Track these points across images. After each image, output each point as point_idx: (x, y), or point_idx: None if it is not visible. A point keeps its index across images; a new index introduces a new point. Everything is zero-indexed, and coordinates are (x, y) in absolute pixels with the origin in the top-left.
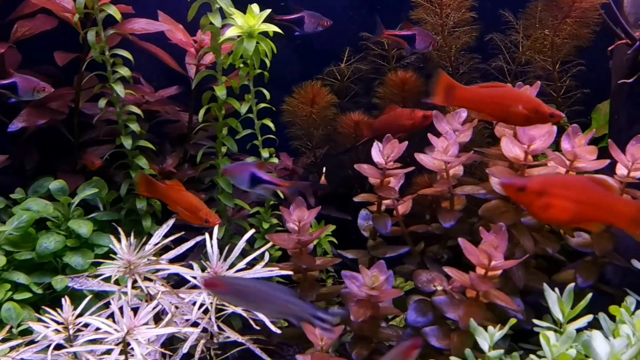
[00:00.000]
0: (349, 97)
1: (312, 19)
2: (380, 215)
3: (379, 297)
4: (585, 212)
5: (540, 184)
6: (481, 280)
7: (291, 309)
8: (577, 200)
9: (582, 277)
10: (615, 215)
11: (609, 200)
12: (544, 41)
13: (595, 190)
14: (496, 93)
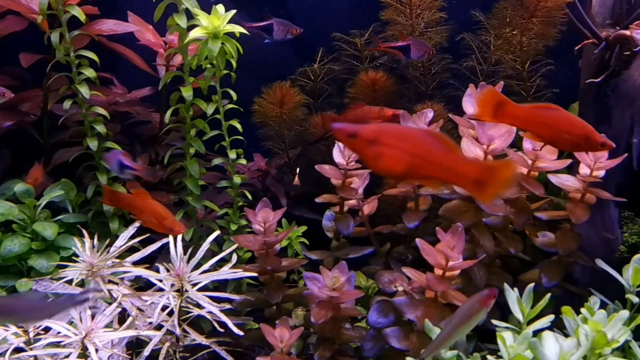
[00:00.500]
0: (322, 97)
1: (282, 27)
2: (343, 216)
3: (339, 298)
4: (422, 167)
5: (373, 132)
6: (438, 280)
7: (54, 307)
8: (412, 152)
9: (547, 276)
10: (455, 175)
11: (448, 158)
12: (512, 41)
13: (434, 145)
14: (548, 115)
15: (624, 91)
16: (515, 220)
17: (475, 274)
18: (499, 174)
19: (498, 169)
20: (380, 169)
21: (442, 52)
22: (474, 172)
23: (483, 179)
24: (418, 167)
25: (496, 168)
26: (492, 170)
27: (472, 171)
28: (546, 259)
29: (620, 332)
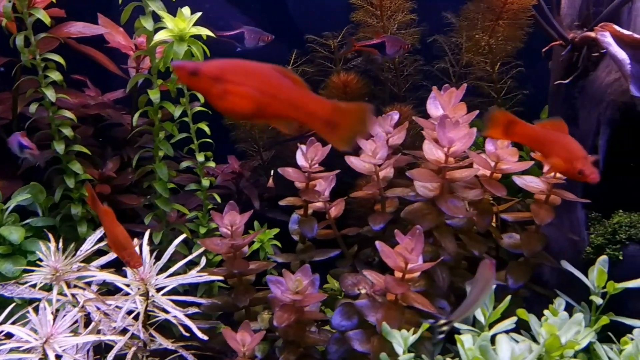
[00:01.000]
0: None
1: (253, 35)
2: (307, 219)
3: (303, 302)
4: (270, 106)
5: (216, 69)
6: (397, 283)
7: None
8: (259, 90)
9: (513, 278)
10: (305, 114)
11: (298, 96)
12: (481, 43)
13: (283, 82)
14: (550, 137)
15: (590, 92)
16: (477, 222)
17: (437, 276)
18: (351, 115)
19: (350, 111)
20: (226, 109)
21: (415, 54)
22: (325, 112)
23: (334, 120)
24: (266, 105)
25: (348, 109)
26: (344, 111)
27: (323, 111)
28: (512, 260)
29: (582, 334)
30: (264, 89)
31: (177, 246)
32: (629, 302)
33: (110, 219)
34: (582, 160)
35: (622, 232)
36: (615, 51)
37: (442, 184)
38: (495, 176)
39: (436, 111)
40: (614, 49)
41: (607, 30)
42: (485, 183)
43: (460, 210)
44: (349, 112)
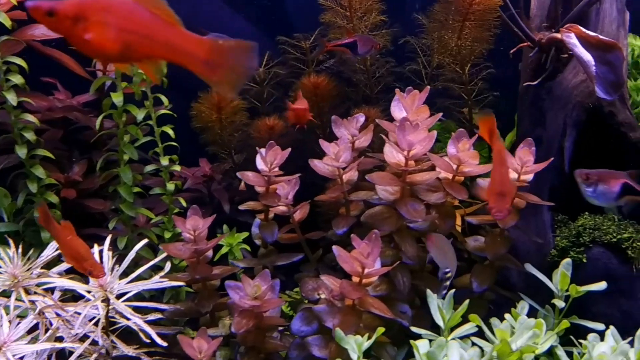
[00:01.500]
0: (269, 101)
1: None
2: (268, 223)
3: (261, 307)
4: (139, 45)
5: (74, 7)
6: (354, 288)
7: None
8: (125, 29)
9: (477, 281)
10: (181, 54)
11: (171, 34)
12: (450, 44)
13: (152, 19)
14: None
15: (557, 94)
16: (439, 225)
17: (398, 280)
18: (233, 53)
19: (231, 48)
20: (90, 51)
21: (387, 56)
22: (203, 51)
23: (214, 60)
24: (135, 44)
25: (229, 46)
26: (224, 49)
27: (200, 50)
28: (478, 263)
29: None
30: (131, 28)
31: (142, 251)
32: (592, 305)
33: (68, 232)
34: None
35: (586, 234)
36: (581, 52)
37: (402, 187)
38: (457, 179)
39: (400, 114)
40: (579, 50)
41: (572, 31)
42: (447, 186)
43: (420, 214)
44: (230, 50)
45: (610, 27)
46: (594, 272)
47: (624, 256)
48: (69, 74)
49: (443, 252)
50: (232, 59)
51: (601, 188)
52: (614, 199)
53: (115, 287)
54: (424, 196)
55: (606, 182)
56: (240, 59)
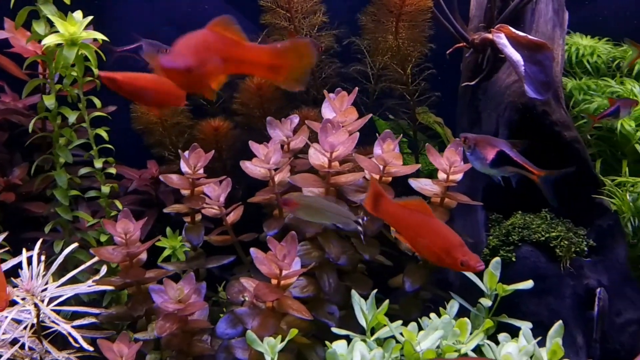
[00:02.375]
0: (218, 103)
1: (151, 48)
2: (194, 226)
3: (185, 310)
4: (219, 67)
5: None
6: (270, 289)
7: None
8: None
9: (410, 281)
10: (248, 65)
11: (241, 51)
12: (389, 44)
13: (220, 41)
14: (414, 219)
15: (491, 94)
16: (367, 226)
17: (324, 281)
18: (291, 54)
19: (289, 49)
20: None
21: (334, 56)
22: (266, 58)
23: (277, 64)
24: (215, 68)
25: (286, 48)
26: (283, 51)
27: (264, 57)
28: (411, 263)
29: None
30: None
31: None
32: (522, 303)
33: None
34: (461, 249)
35: (515, 233)
36: (510, 52)
37: (327, 188)
38: (385, 180)
39: (330, 115)
40: (509, 51)
41: (503, 31)
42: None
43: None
44: (287, 51)
45: (545, 27)
46: (523, 271)
47: (553, 255)
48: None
49: (315, 207)
50: (292, 58)
51: (478, 153)
52: (489, 166)
53: (41, 292)
54: (352, 197)
55: (482, 148)
56: (298, 56)
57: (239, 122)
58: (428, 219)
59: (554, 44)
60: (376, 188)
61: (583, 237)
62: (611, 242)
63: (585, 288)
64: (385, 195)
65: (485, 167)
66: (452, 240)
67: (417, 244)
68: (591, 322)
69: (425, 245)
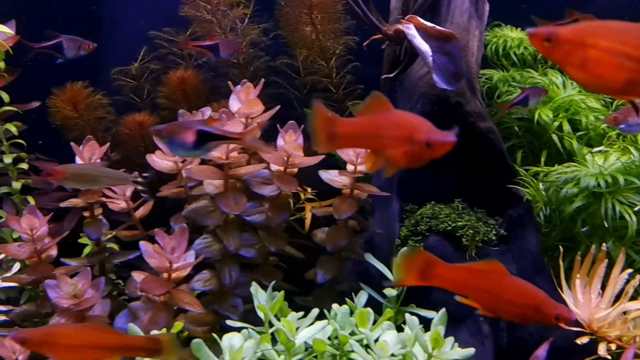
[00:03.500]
0: (147, 97)
1: (72, 43)
2: (93, 221)
3: (80, 305)
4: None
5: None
6: (159, 283)
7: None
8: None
9: (322, 272)
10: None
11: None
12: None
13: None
14: (487, 279)
15: (405, 86)
16: (272, 218)
17: (224, 274)
18: None
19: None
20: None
21: (264, 49)
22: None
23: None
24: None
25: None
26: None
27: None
28: (324, 255)
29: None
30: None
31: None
32: (432, 292)
33: None
34: (550, 303)
35: (423, 223)
36: (419, 43)
37: (226, 180)
38: (290, 171)
39: (236, 106)
40: (417, 41)
41: (412, 22)
42: (277, 178)
43: (240, 207)
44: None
45: (461, 18)
46: None
47: (460, 244)
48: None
49: (85, 174)
50: None
51: (177, 140)
52: (194, 148)
53: None
54: (257, 189)
55: (179, 133)
56: None
57: (165, 116)
58: (503, 278)
59: (470, 35)
60: (424, 256)
61: (493, 227)
62: (521, 231)
63: None
64: (437, 260)
65: (190, 151)
66: (537, 296)
67: (494, 307)
68: None
69: (504, 307)
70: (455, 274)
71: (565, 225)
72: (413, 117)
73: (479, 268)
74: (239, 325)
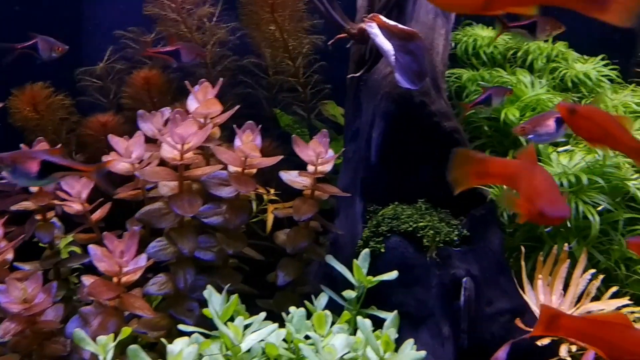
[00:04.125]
0: (114, 98)
1: (46, 44)
2: (44, 224)
3: (30, 310)
4: None
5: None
6: (107, 287)
7: None
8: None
9: (283, 273)
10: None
11: None
12: (271, 36)
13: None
14: (612, 331)
15: (370, 85)
16: (230, 220)
17: (179, 277)
18: None
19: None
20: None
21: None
22: None
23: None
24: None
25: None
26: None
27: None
28: (286, 257)
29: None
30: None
31: None
32: (391, 294)
33: None
34: None
35: (384, 224)
36: (381, 42)
37: (180, 182)
38: (248, 172)
39: (194, 106)
40: (380, 40)
41: (374, 21)
42: (234, 180)
43: (194, 209)
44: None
45: (426, 17)
46: (392, 262)
47: (421, 245)
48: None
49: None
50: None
51: (20, 169)
52: (37, 179)
53: None
54: (215, 190)
55: (23, 163)
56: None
57: (129, 116)
58: (628, 330)
59: (435, 34)
60: (548, 310)
61: (455, 227)
62: (484, 231)
63: (452, 278)
64: (561, 312)
65: (32, 181)
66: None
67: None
68: (458, 312)
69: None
70: (578, 326)
71: (530, 226)
72: (546, 182)
73: (604, 319)
74: (191, 329)
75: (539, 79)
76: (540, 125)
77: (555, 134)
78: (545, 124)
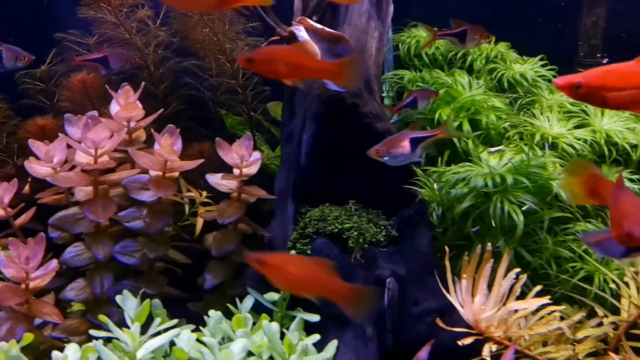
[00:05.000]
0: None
1: (10, 53)
2: None
3: None
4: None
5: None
6: (14, 292)
7: None
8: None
9: (211, 276)
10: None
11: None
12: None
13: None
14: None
15: (302, 88)
16: (150, 224)
17: (95, 283)
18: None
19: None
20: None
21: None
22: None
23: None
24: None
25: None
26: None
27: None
28: (214, 260)
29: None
30: None
31: None
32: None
33: None
34: None
35: (311, 226)
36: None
37: (95, 187)
38: (169, 176)
39: (114, 111)
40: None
41: (302, 24)
42: (153, 184)
43: (107, 214)
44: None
45: (359, 20)
46: None
47: (346, 246)
48: None
49: None
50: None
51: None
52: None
53: None
54: (136, 195)
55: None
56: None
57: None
58: None
59: (368, 37)
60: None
61: (383, 227)
62: (413, 231)
63: (376, 279)
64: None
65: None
66: None
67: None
68: (382, 312)
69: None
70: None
71: (458, 226)
72: (634, 205)
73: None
74: (102, 335)
75: (477, 79)
76: (394, 147)
77: (410, 155)
78: (399, 145)
